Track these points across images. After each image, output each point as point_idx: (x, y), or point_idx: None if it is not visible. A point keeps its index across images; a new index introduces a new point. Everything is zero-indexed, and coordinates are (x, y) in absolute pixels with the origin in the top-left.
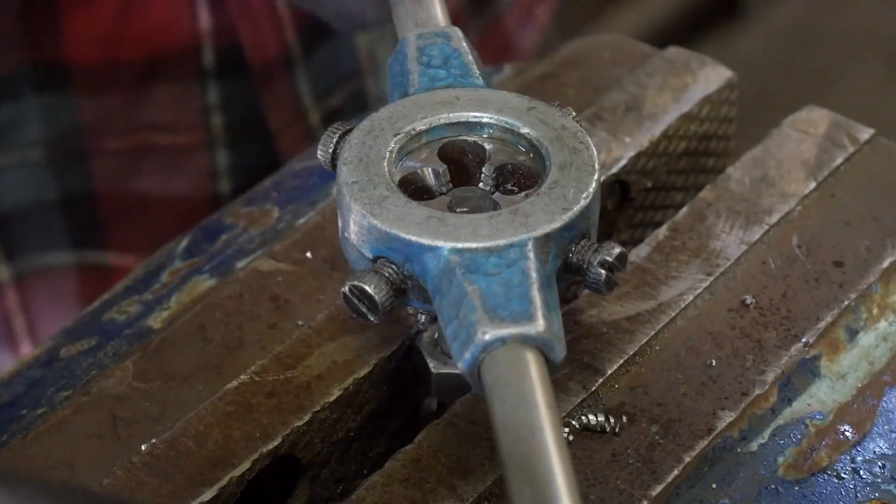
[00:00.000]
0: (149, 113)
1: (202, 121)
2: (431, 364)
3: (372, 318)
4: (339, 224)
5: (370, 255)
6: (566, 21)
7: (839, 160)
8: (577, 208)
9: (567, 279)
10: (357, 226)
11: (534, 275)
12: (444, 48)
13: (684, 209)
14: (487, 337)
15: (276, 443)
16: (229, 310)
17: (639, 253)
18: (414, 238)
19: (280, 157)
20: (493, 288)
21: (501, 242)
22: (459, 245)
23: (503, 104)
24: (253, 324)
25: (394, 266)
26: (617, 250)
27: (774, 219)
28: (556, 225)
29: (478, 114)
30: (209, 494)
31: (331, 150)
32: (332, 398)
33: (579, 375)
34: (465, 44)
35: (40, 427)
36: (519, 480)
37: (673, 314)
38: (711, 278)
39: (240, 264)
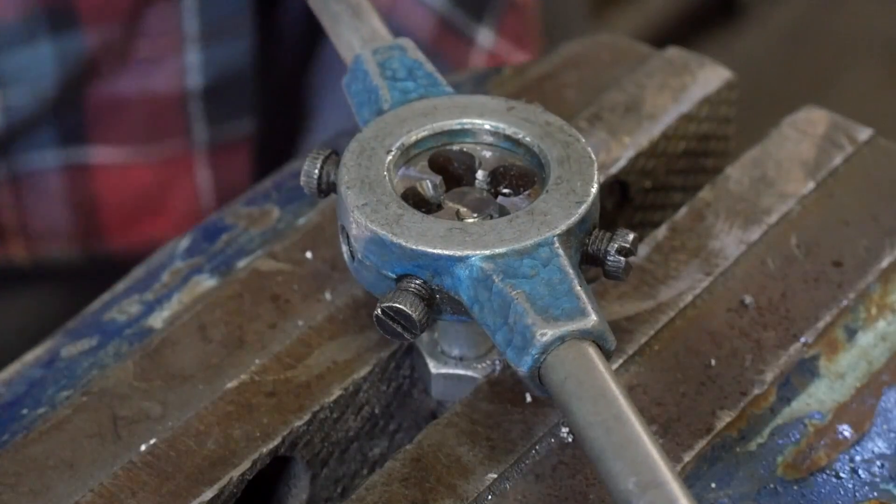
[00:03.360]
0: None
1: (178, 24)
2: (431, 364)
3: (408, 337)
4: (348, 250)
5: (393, 276)
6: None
7: (838, 160)
8: (589, 199)
9: (584, 271)
10: (376, 247)
11: (570, 270)
12: (405, 60)
13: (683, 209)
14: (546, 338)
15: (276, 442)
16: (230, 310)
17: (638, 253)
18: (442, 251)
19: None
20: (536, 289)
21: (530, 243)
22: (489, 252)
23: (483, 108)
24: (253, 323)
25: (419, 281)
26: (631, 236)
27: (773, 219)
28: (576, 218)
29: (461, 120)
30: (209, 494)
31: (315, 176)
32: (332, 398)
33: None
34: (420, 53)
35: (41, 426)
36: (622, 471)
37: (672, 314)
38: (710, 278)
39: (240, 264)
